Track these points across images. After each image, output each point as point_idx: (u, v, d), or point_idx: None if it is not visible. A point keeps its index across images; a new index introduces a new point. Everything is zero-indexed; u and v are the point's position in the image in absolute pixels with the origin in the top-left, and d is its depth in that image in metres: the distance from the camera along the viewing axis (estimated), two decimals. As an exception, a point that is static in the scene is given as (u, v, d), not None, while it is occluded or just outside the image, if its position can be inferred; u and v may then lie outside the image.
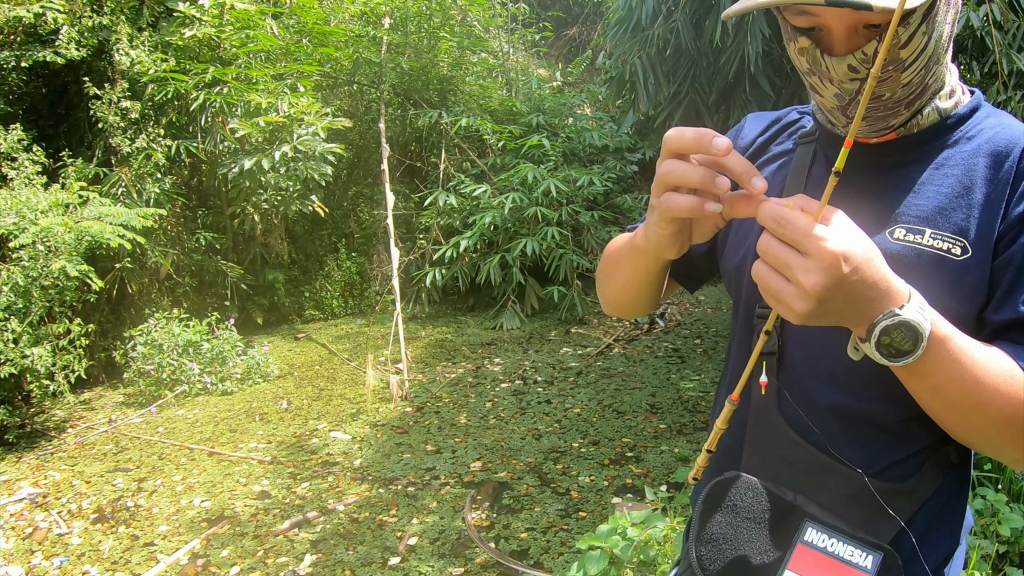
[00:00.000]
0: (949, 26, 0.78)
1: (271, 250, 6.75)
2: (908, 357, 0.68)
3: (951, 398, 0.72)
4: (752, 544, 0.82)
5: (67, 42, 4.99)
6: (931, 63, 0.78)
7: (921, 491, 0.80)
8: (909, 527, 0.79)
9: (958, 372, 0.70)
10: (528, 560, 3.01)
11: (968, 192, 0.80)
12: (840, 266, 0.63)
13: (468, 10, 7.96)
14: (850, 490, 0.80)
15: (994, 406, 0.71)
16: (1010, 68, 3.23)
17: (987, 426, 0.72)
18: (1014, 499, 2.75)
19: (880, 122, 0.82)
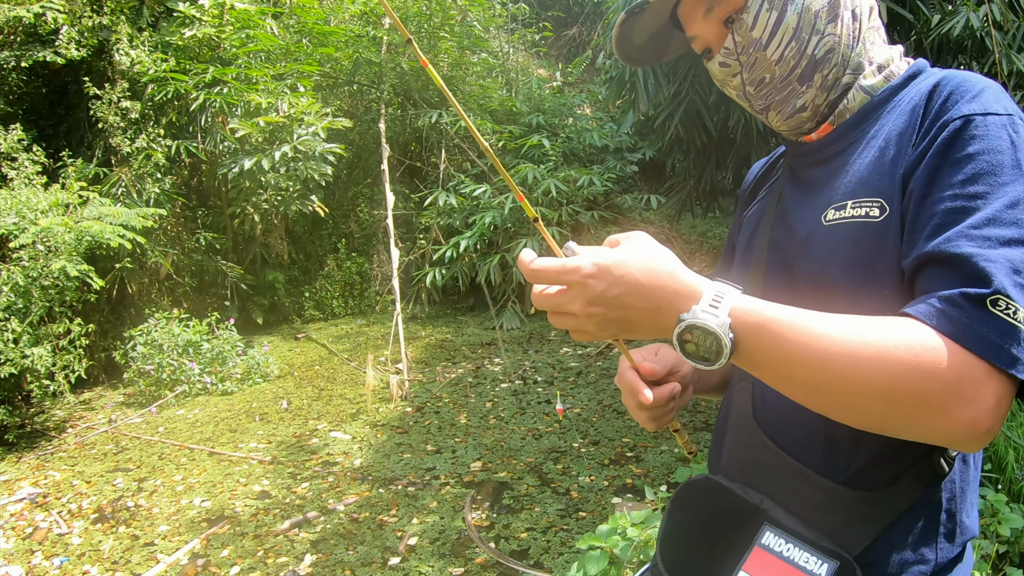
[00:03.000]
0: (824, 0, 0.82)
1: (271, 250, 6.75)
2: (720, 357, 0.67)
3: (800, 381, 0.68)
4: (712, 544, 0.83)
5: (67, 42, 5.00)
6: (802, 35, 0.82)
7: (899, 502, 0.77)
8: (886, 538, 0.77)
9: (792, 352, 0.66)
10: (528, 560, 3.01)
11: (884, 153, 0.79)
12: (591, 285, 0.68)
13: (468, 10, 7.96)
14: (821, 497, 0.79)
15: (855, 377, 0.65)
16: (1010, 68, 3.23)
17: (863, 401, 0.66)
18: (1014, 499, 2.76)
19: (786, 105, 0.86)
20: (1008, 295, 0.63)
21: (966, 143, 0.71)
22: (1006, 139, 0.70)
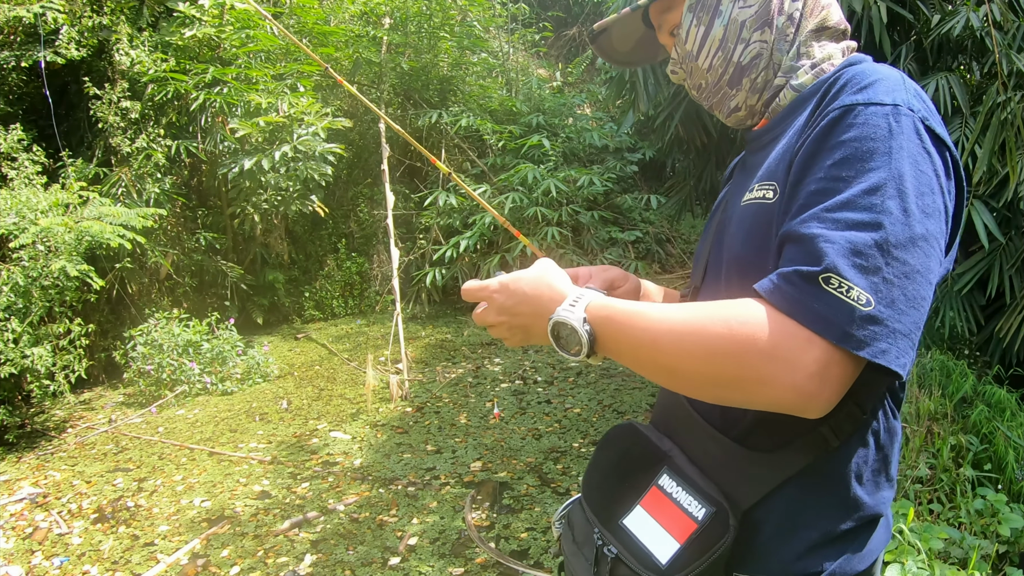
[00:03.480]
0: (750, 9, 0.90)
1: (271, 250, 6.75)
2: (583, 347, 0.79)
3: (646, 364, 0.77)
4: (622, 480, 0.92)
5: (67, 42, 5.00)
6: (728, 45, 0.92)
7: (786, 466, 0.81)
8: (774, 498, 0.82)
9: (634, 338, 0.76)
10: (528, 560, 3.01)
11: (789, 141, 0.83)
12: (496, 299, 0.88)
13: (468, 10, 7.96)
14: (719, 452, 0.85)
15: (681, 356, 0.72)
16: (1010, 68, 3.23)
17: (694, 377, 0.73)
18: (1014, 499, 2.76)
19: (723, 106, 0.97)
20: (841, 274, 0.67)
21: (842, 130, 0.74)
22: (883, 127, 0.72)
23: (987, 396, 3.34)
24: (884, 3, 3.66)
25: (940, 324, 3.87)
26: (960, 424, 3.17)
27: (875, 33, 3.69)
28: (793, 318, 0.68)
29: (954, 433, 3.05)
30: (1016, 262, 3.69)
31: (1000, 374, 3.75)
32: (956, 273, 3.91)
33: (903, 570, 2.01)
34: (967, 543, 2.38)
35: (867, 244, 0.68)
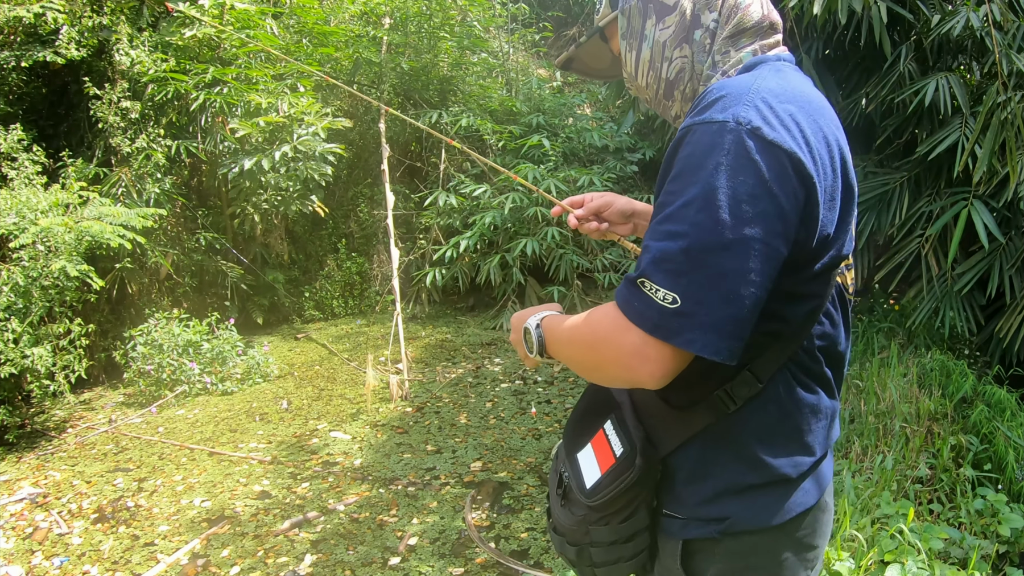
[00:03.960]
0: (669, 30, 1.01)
1: (271, 250, 6.75)
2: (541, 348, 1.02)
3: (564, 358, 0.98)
4: (583, 424, 1.11)
5: (67, 42, 4.99)
6: (656, 64, 1.04)
7: (694, 422, 0.95)
8: (687, 448, 0.97)
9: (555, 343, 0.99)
10: (528, 560, 3.01)
11: None
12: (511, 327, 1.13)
13: (468, 10, 7.96)
14: (653, 406, 1.00)
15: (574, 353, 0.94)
16: (1010, 68, 3.23)
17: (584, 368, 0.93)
18: (1014, 499, 2.76)
19: (668, 116, 1.10)
20: (650, 278, 0.82)
21: (681, 149, 0.85)
22: (705, 145, 0.82)
23: (987, 396, 3.34)
24: (884, 3, 3.66)
25: (940, 324, 3.87)
26: (960, 424, 3.17)
27: (875, 33, 3.69)
28: (622, 312, 0.84)
29: (954, 433, 3.05)
30: (1016, 262, 3.69)
31: (1000, 374, 3.76)
32: (956, 273, 3.91)
33: (903, 570, 2.01)
34: (967, 543, 2.38)
35: (675, 252, 0.81)
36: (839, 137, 0.90)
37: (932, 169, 4.06)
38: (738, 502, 0.95)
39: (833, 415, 1.02)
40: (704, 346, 0.80)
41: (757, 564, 0.97)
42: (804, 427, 0.97)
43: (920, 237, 4.02)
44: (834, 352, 0.98)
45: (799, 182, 0.82)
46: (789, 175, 0.81)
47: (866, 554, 2.15)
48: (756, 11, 0.99)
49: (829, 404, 1.00)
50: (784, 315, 0.90)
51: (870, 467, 2.89)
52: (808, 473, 0.98)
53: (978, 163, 3.15)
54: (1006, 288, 3.69)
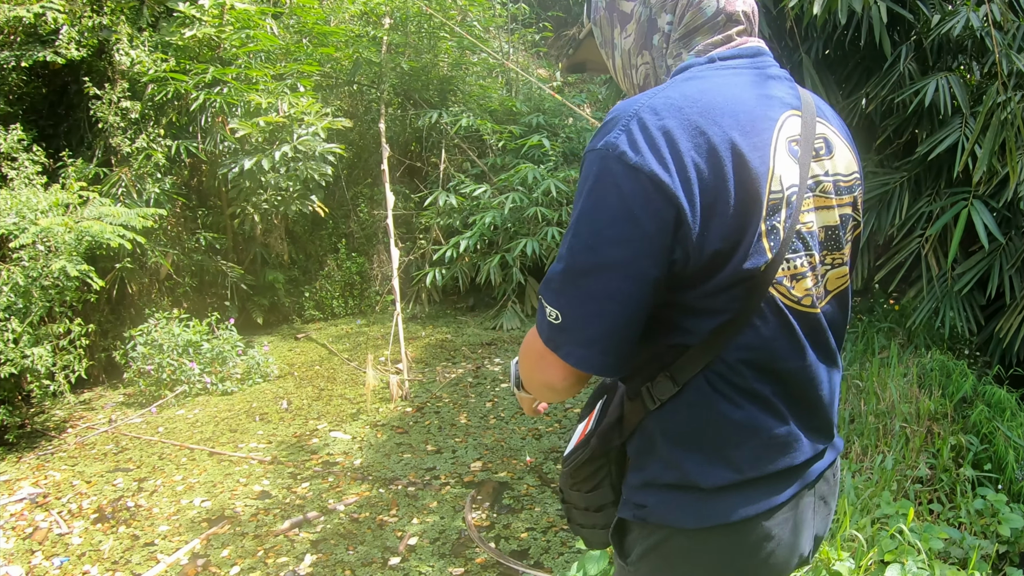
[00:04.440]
0: (630, 38, 1.03)
1: (271, 250, 6.75)
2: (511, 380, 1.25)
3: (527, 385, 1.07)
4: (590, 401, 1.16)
5: (67, 42, 4.99)
6: (627, 71, 1.07)
7: (635, 415, 1.00)
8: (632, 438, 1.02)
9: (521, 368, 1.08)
10: (528, 560, 3.01)
11: None
12: None
13: (468, 10, 7.96)
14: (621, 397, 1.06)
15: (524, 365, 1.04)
16: (1010, 68, 3.23)
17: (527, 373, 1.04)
18: (1014, 499, 2.76)
19: None
20: (543, 296, 0.91)
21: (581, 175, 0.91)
22: (584, 172, 0.88)
23: (987, 396, 3.34)
24: (884, 3, 3.66)
25: (940, 324, 3.87)
26: (960, 424, 3.17)
27: (875, 33, 3.69)
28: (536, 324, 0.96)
29: (954, 433, 3.05)
30: (1016, 262, 3.69)
31: (1000, 374, 3.75)
32: (956, 273, 3.91)
33: (903, 570, 2.01)
34: (967, 543, 2.38)
35: (557, 273, 0.89)
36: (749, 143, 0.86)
37: (932, 169, 4.06)
38: (656, 496, 0.99)
39: (784, 439, 0.96)
40: (579, 360, 0.90)
41: (672, 560, 0.99)
42: (723, 440, 0.94)
43: (920, 237, 4.02)
44: (771, 368, 0.93)
45: (664, 203, 0.82)
46: (652, 198, 0.82)
47: (866, 554, 2.15)
48: (711, 6, 0.96)
49: (770, 424, 0.94)
50: (689, 328, 0.92)
51: (870, 467, 2.89)
52: (728, 489, 0.95)
53: (978, 163, 3.15)
54: (1006, 288, 3.69)
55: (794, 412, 0.96)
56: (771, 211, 0.88)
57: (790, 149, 0.91)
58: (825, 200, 0.97)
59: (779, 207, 0.89)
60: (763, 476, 0.96)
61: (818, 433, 1.01)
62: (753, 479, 0.95)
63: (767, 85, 0.94)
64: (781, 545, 0.98)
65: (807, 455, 0.99)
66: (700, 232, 0.84)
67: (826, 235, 0.97)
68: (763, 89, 0.93)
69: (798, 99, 0.97)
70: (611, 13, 1.04)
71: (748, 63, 0.96)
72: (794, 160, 0.91)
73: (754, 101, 0.90)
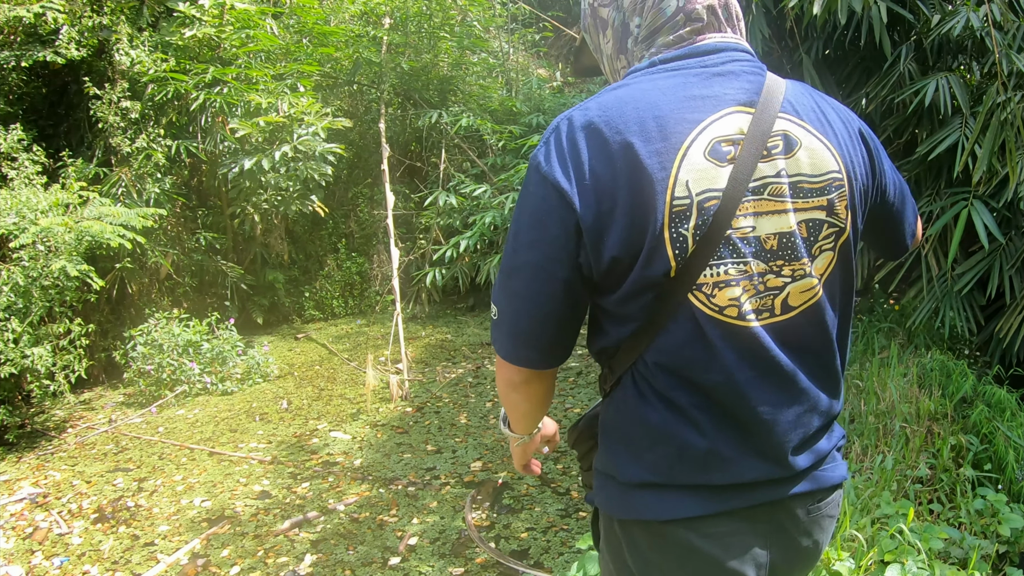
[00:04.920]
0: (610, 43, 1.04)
1: (271, 250, 6.75)
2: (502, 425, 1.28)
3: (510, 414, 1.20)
4: None
5: (67, 42, 4.99)
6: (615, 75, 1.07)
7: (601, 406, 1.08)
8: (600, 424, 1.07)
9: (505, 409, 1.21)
10: (528, 560, 3.01)
11: None
12: None
13: (468, 10, 7.96)
14: None
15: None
16: (1010, 68, 3.23)
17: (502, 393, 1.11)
18: (1014, 499, 2.76)
19: None
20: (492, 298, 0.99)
21: None
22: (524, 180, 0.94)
23: (987, 396, 3.34)
24: (884, 3, 3.66)
25: (940, 324, 3.87)
26: (960, 424, 3.17)
27: (875, 33, 3.69)
28: None
29: (954, 433, 3.05)
30: (1016, 262, 3.69)
31: (1000, 374, 3.75)
32: (956, 273, 3.91)
33: (903, 570, 2.01)
34: (967, 543, 2.38)
35: (498, 274, 0.97)
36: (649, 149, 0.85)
37: (932, 169, 4.06)
38: (599, 481, 1.05)
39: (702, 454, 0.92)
40: (507, 352, 0.99)
41: (616, 547, 1.04)
42: (639, 440, 0.96)
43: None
44: (688, 377, 0.91)
45: (566, 211, 0.87)
46: (555, 205, 0.88)
47: (866, 554, 2.15)
48: (671, 6, 0.95)
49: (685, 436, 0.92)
50: (610, 332, 0.96)
51: (870, 467, 2.89)
52: (645, 487, 0.96)
53: (978, 163, 3.15)
54: (1006, 288, 3.69)
55: (721, 430, 0.92)
56: (677, 218, 0.86)
57: (714, 151, 0.87)
58: (775, 204, 0.89)
59: (687, 214, 0.86)
60: (680, 485, 0.94)
61: (764, 458, 0.94)
62: (667, 485, 0.95)
63: (708, 84, 0.91)
64: (709, 563, 0.95)
65: (748, 478, 0.94)
66: (598, 238, 0.87)
67: (779, 243, 0.89)
68: (698, 90, 0.90)
69: (754, 94, 0.91)
70: (595, 20, 1.05)
71: (695, 62, 0.93)
72: (718, 163, 0.87)
73: (673, 104, 0.88)
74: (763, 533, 0.97)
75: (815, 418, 0.97)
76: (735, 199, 0.87)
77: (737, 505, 0.95)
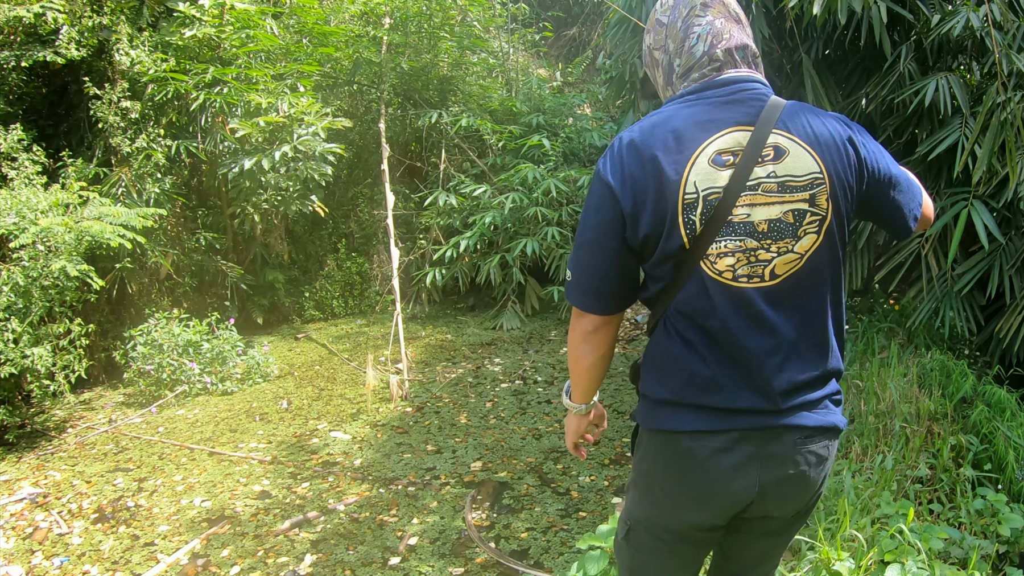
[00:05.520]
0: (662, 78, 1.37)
1: (271, 250, 6.75)
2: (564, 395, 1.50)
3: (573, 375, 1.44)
4: None
5: (67, 42, 4.99)
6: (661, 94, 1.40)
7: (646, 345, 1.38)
8: None
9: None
10: (528, 560, 3.01)
11: None
12: None
13: (468, 10, 7.96)
14: None
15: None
16: (1010, 68, 3.23)
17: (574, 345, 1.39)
18: (1014, 499, 2.75)
19: None
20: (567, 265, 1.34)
21: None
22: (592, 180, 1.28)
23: (987, 396, 3.34)
24: (884, 3, 3.65)
25: (940, 324, 3.87)
26: (960, 424, 3.17)
27: (875, 33, 3.69)
28: None
29: (954, 433, 3.05)
30: (1016, 262, 3.69)
31: (1000, 374, 3.75)
32: (956, 273, 3.91)
33: (903, 570, 2.01)
34: (967, 543, 2.38)
35: (573, 249, 1.32)
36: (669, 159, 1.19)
37: (932, 169, 4.06)
38: (639, 402, 1.37)
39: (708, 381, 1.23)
40: (579, 303, 1.32)
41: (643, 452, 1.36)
42: (665, 367, 1.29)
43: (920, 237, 4.02)
44: (698, 323, 1.23)
45: (615, 203, 1.22)
46: (607, 199, 1.23)
47: (866, 554, 2.15)
48: (699, 49, 1.28)
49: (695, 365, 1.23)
50: (649, 287, 1.30)
51: (870, 467, 2.89)
52: (665, 404, 1.28)
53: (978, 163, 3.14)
54: (1006, 288, 3.69)
55: (721, 364, 1.23)
56: (688, 206, 1.19)
57: (717, 160, 1.19)
58: (765, 198, 1.20)
59: (695, 204, 1.18)
60: (689, 404, 1.24)
61: (754, 391, 1.22)
62: (680, 403, 1.25)
63: (718, 110, 1.22)
64: (707, 470, 1.24)
65: (744, 405, 1.22)
66: (635, 222, 1.21)
67: (768, 227, 1.20)
68: (708, 115, 1.22)
69: (754, 117, 1.21)
70: (651, 59, 1.39)
71: (712, 93, 1.25)
72: (718, 168, 1.19)
73: (688, 126, 1.21)
74: (755, 456, 1.23)
75: (802, 366, 1.24)
76: (734, 194, 1.18)
77: (732, 426, 1.22)
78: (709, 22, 1.29)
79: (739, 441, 1.22)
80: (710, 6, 1.30)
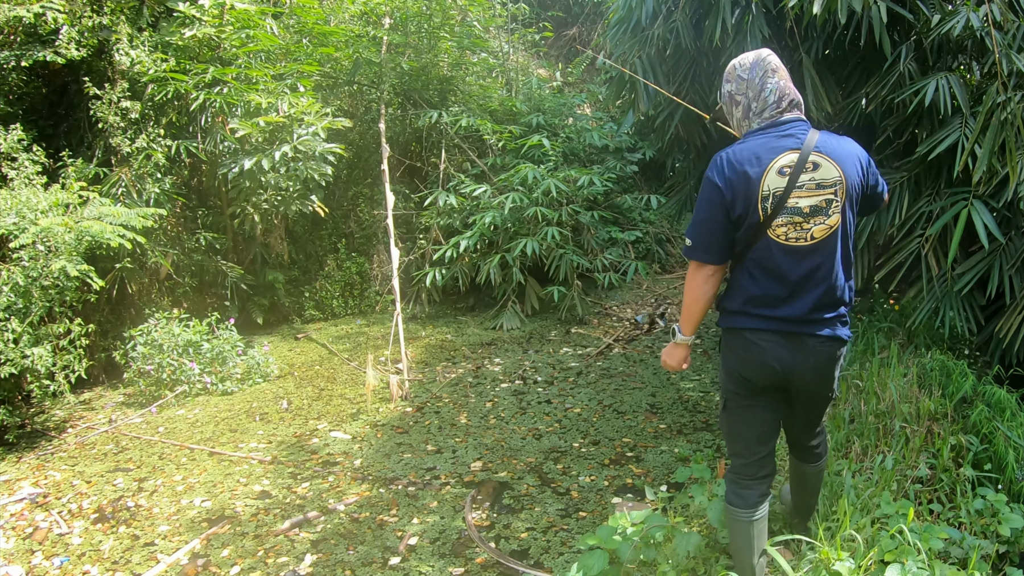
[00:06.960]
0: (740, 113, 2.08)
1: (271, 250, 6.75)
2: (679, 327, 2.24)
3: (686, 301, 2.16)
4: None
5: (67, 42, 4.99)
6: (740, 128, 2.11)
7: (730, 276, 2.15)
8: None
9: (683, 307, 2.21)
10: (528, 560, 3.01)
11: None
12: None
13: (468, 10, 7.96)
14: None
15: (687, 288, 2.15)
16: (1010, 68, 3.23)
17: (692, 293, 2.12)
18: (1014, 499, 2.75)
19: None
20: (686, 235, 2.10)
21: None
22: (702, 183, 2.03)
23: (987, 396, 3.33)
24: (884, 3, 3.65)
25: (940, 324, 3.87)
26: (960, 424, 3.17)
27: (875, 33, 3.69)
28: None
29: (954, 433, 3.05)
30: (1016, 262, 3.69)
31: (1000, 374, 3.75)
32: (956, 273, 3.91)
33: (903, 570, 2.01)
34: (967, 543, 2.38)
35: (691, 223, 2.08)
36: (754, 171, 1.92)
37: (932, 169, 4.05)
38: (722, 311, 2.15)
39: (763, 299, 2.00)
40: (701, 258, 2.03)
41: (723, 347, 2.18)
42: (735, 288, 2.07)
43: (920, 237, 4.02)
44: (768, 265, 1.97)
45: (720, 196, 1.96)
46: (715, 194, 1.97)
47: (866, 554, 2.15)
48: (771, 99, 2.00)
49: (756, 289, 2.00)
50: (737, 245, 2.02)
51: (870, 467, 2.89)
52: (736, 312, 2.06)
53: (978, 163, 3.14)
54: (1006, 288, 3.68)
55: (771, 288, 1.98)
56: (764, 198, 1.93)
57: (780, 171, 1.92)
58: (809, 193, 1.93)
59: (768, 197, 1.92)
60: (750, 313, 2.02)
61: (791, 308, 1.97)
62: (744, 312, 2.03)
63: (779, 141, 1.95)
64: (764, 352, 2.02)
65: (782, 315, 1.98)
66: (732, 207, 1.95)
67: (811, 209, 1.93)
68: (775, 143, 1.94)
69: (800, 143, 1.93)
70: (731, 100, 2.09)
71: (776, 130, 1.97)
72: (782, 176, 1.91)
73: (763, 150, 1.94)
74: (788, 346, 2.00)
75: (824, 295, 1.98)
76: (790, 190, 1.91)
77: (776, 328, 2.00)
78: (776, 83, 2.01)
79: (778, 336, 2.00)
80: (777, 71, 2.02)
